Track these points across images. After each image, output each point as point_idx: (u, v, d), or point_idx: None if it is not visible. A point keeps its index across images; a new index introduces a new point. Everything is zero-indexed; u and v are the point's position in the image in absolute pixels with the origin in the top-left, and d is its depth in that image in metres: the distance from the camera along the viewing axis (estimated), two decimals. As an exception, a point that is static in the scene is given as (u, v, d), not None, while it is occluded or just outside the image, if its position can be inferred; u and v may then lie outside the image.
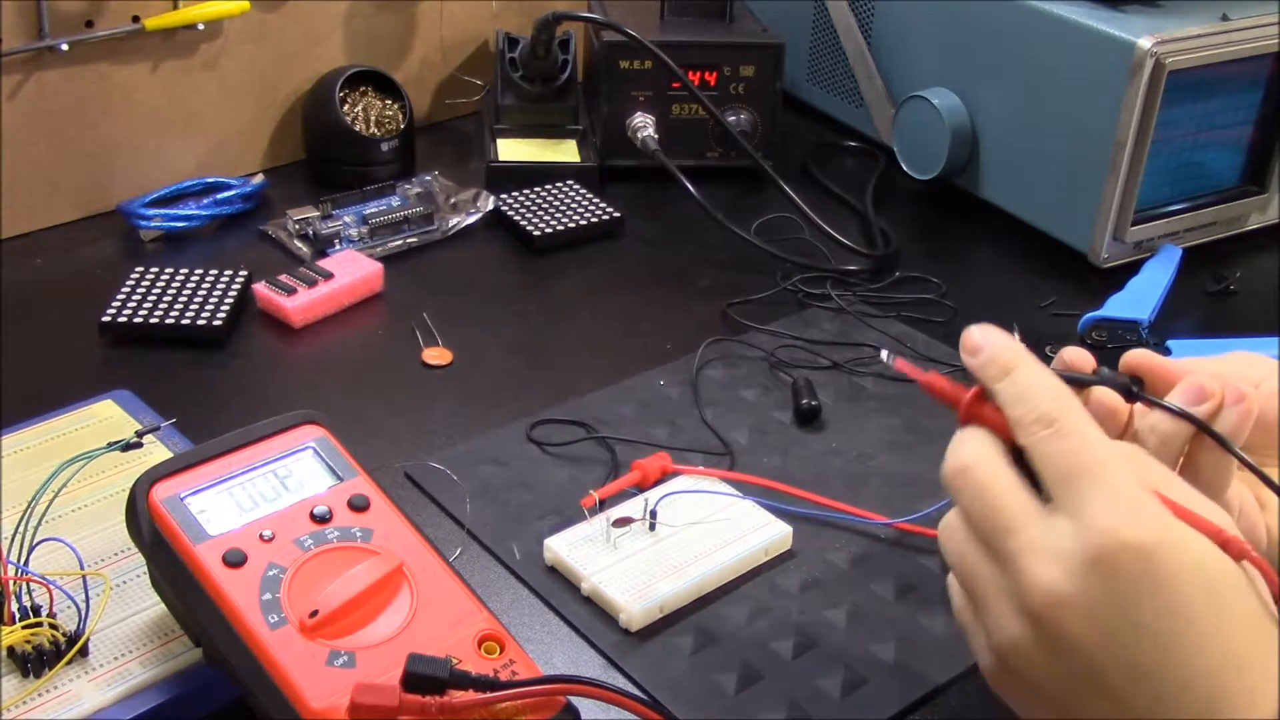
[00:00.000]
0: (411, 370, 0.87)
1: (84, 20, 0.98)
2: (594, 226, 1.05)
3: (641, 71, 1.11)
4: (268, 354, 0.89)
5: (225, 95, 1.08)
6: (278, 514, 0.59)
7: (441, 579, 0.59)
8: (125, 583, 0.63)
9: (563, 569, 0.70)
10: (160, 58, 1.04)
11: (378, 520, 0.60)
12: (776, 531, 0.72)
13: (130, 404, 0.77)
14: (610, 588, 0.67)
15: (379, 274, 0.95)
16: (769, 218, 1.06)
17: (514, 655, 0.57)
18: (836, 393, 0.86)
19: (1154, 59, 0.93)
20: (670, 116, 1.13)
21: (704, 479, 0.75)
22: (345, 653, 0.55)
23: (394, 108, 1.12)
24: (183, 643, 0.60)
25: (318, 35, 1.12)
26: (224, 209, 1.04)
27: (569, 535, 0.71)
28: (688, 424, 0.82)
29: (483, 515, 0.74)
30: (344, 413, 0.80)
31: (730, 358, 0.89)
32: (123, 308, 0.88)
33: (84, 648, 0.59)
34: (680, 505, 0.73)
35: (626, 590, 0.67)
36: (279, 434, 0.62)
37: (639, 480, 0.74)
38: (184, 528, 0.57)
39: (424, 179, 1.08)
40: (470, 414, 0.83)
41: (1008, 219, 1.08)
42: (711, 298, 0.97)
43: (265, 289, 0.92)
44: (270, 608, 0.55)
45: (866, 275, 1.00)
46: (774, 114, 1.14)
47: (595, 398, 0.84)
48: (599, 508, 0.72)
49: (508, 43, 1.16)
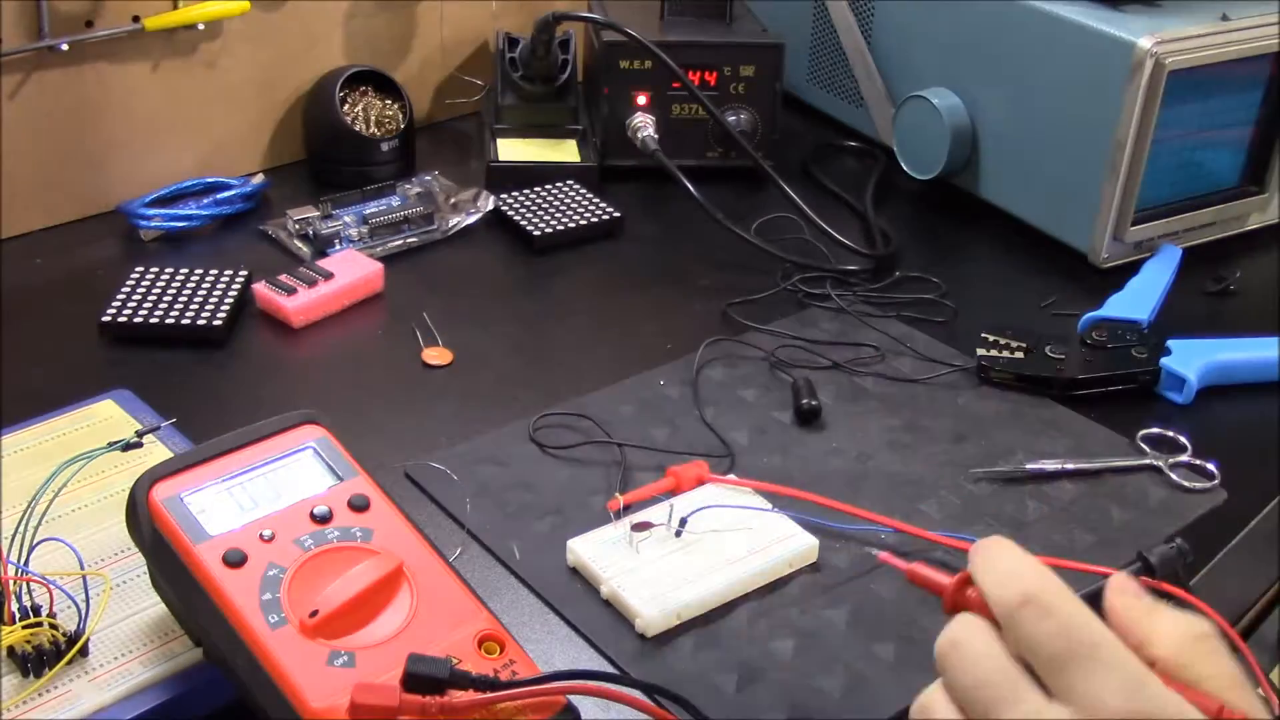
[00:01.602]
0: (412, 370, 0.87)
1: (84, 20, 0.98)
2: (594, 226, 1.05)
3: (641, 71, 1.11)
4: (268, 354, 0.89)
5: (225, 95, 1.08)
6: (278, 514, 0.59)
7: (441, 579, 0.59)
8: (125, 582, 0.63)
9: (584, 571, 0.69)
10: (160, 58, 1.04)
11: (378, 520, 0.60)
12: (802, 543, 0.71)
13: (130, 404, 0.77)
14: (629, 592, 0.67)
15: (379, 274, 0.95)
16: (769, 217, 1.06)
17: (514, 655, 0.57)
18: (837, 393, 0.86)
19: (1154, 59, 0.93)
20: (670, 116, 1.13)
21: (738, 490, 0.74)
22: (345, 653, 0.55)
23: (394, 108, 1.12)
24: (183, 643, 0.60)
25: (317, 35, 1.12)
26: (224, 209, 1.04)
27: (592, 538, 0.70)
28: (687, 424, 0.82)
29: (483, 515, 0.74)
30: (344, 413, 0.80)
31: (730, 358, 0.89)
32: (123, 307, 0.88)
33: (84, 647, 0.59)
34: (707, 512, 0.72)
35: (645, 596, 0.67)
36: (279, 434, 0.62)
37: (672, 487, 0.74)
38: (184, 527, 0.57)
39: (424, 179, 1.08)
40: (470, 414, 0.83)
41: (1008, 219, 1.08)
42: (711, 297, 0.97)
43: (265, 289, 0.92)
44: (270, 607, 0.55)
45: (866, 275, 1.00)
46: (774, 114, 1.14)
47: (595, 398, 0.84)
48: (623, 512, 0.71)
49: (508, 43, 1.16)
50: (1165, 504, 0.77)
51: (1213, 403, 0.86)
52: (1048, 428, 0.83)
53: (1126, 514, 0.76)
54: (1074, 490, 0.78)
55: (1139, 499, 0.78)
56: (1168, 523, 0.75)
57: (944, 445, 0.82)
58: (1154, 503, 0.77)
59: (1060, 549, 0.73)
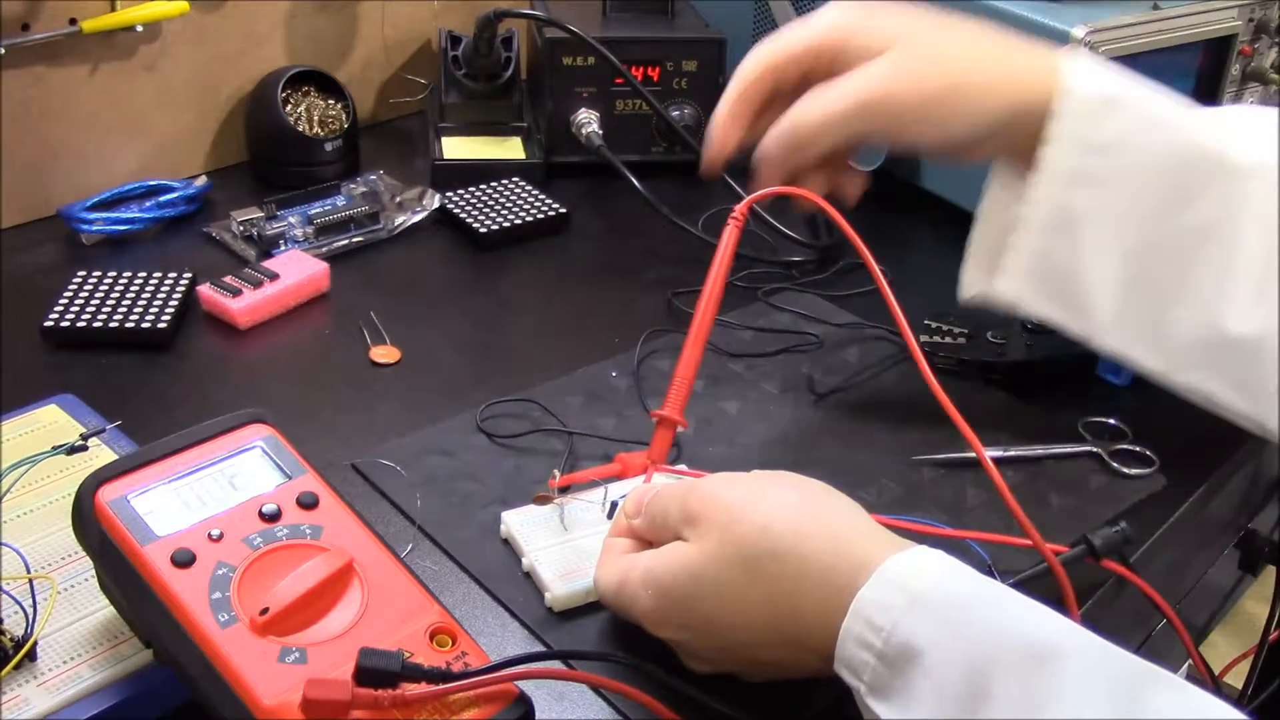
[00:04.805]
0: (360, 369, 0.87)
1: (20, 23, 0.97)
2: (540, 222, 1.05)
3: (584, 68, 1.12)
4: (214, 356, 0.88)
5: (166, 97, 1.08)
6: (226, 513, 0.59)
7: (392, 573, 0.59)
8: (73, 586, 0.63)
9: (511, 543, 0.71)
10: (99, 60, 1.03)
11: (327, 517, 0.60)
12: None
13: (74, 408, 0.76)
14: (544, 566, 0.68)
15: (325, 274, 0.95)
16: (714, 211, 1.07)
17: (466, 647, 0.57)
18: (783, 383, 0.87)
19: (1087, 48, 0.95)
20: (614, 112, 1.13)
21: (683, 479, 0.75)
22: (297, 649, 0.55)
23: (337, 107, 1.12)
24: (133, 645, 0.60)
25: (258, 36, 1.12)
26: (167, 211, 1.03)
27: (525, 512, 0.72)
28: (635, 414, 0.83)
29: (430, 506, 0.74)
30: (292, 412, 0.80)
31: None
32: (65, 312, 0.88)
33: (32, 651, 0.58)
34: None
35: (559, 572, 0.68)
36: (226, 433, 0.62)
37: (617, 472, 0.74)
38: (131, 529, 0.56)
39: (369, 178, 1.08)
40: (419, 410, 0.83)
41: (948, 208, 1.09)
42: (659, 291, 0.97)
43: (210, 291, 0.91)
44: (220, 606, 0.55)
45: (811, 266, 1.01)
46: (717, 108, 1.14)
47: (544, 389, 0.84)
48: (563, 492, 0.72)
49: (450, 41, 1.16)
50: (1105, 490, 0.79)
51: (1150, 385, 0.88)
52: (990, 414, 0.85)
53: (1066, 500, 0.77)
54: (1015, 477, 0.79)
55: (1079, 485, 0.79)
56: (1107, 508, 0.77)
57: (887, 433, 0.83)
58: (1094, 488, 0.79)
59: (1001, 534, 0.74)
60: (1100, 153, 0.68)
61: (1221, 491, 0.84)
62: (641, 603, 0.60)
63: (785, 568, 0.56)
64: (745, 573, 0.57)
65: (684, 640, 0.61)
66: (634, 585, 0.61)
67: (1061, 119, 0.68)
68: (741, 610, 0.57)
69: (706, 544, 0.58)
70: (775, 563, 0.57)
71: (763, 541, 0.57)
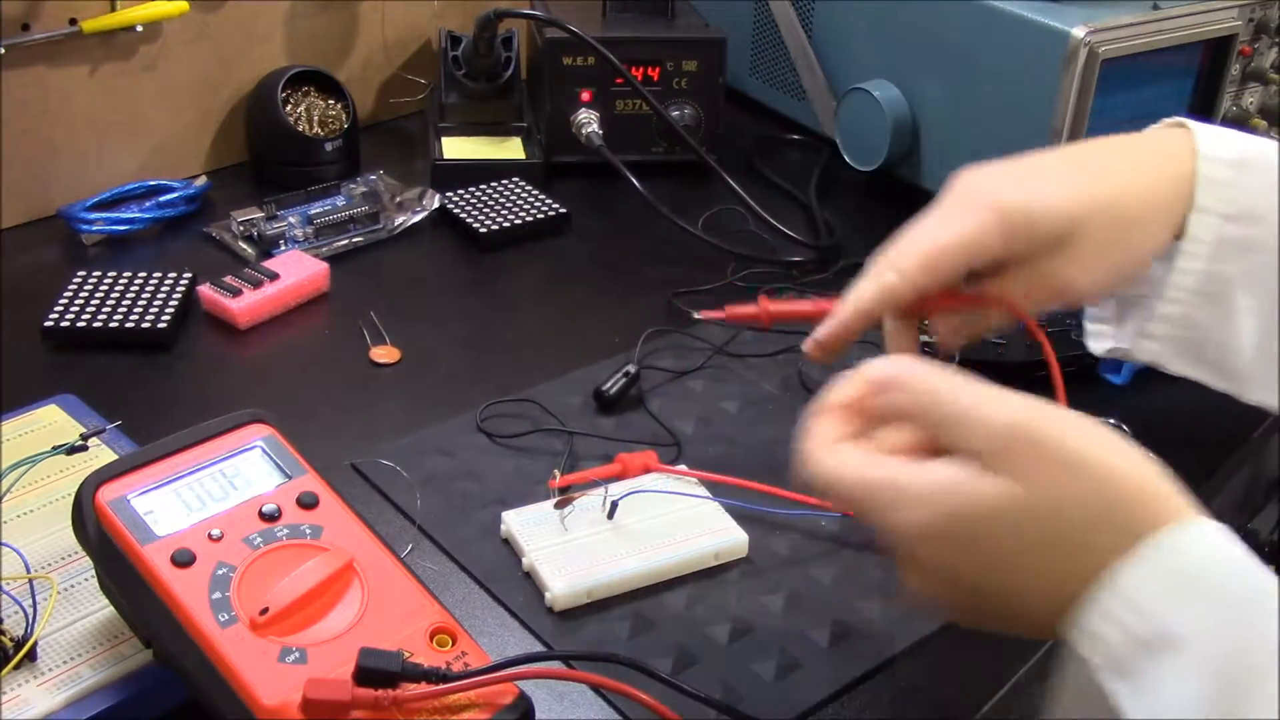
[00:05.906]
0: (360, 369, 0.87)
1: (20, 23, 0.97)
2: (540, 223, 1.05)
3: (585, 68, 1.12)
4: (214, 356, 0.88)
5: (166, 97, 1.08)
6: (226, 513, 0.59)
7: (392, 573, 0.59)
8: (73, 586, 0.63)
9: (512, 543, 0.71)
10: (99, 60, 1.03)
11: (327, 517, 0.60)
12: (732, 538, 0.72)
13: (75, 408, 0.76)
14: (545, 566, 0.68)
15: (325, 274, 0.95)
16: (714, 211, 1.07)
17: (466, 647, 0.57)
18: (783, 382, 0.87)
19: (1087, 48, 0.95)
20: (614, 112, 1.13)
21: (683, 479, 0.75)
22: (297, 649, 0.55)
23: (337, 108, 1.12)
24: (133, 644, 0.60)
25: (258, 36, 1.12)
26: (167, 211, 1.03)
27: (526, 512, 0.72)
28: (635, 414, 0.83)
29: (430, 506, 0.74)
30: (292, 412, 0.80)
31: (679, 349, 0.90)
32: (65, 312, 0.88)
33: (32, 651, 0.58)
34: (647, 499, 0.73)
35: (559, 571, 0.68)
36: (226, 433, 0.62)
37: (617, 472, 0.74)
38: (131, 529, 0.56)
39: (369, 178, 1.08)
40: (419, 411, 0.83)
41: (949, 208, 1.09)
42: (659, 291, 0.97)
43: (210, 291, 0.91)
44: (220, 606, 0.55)
45: (812, 266, 1.01)
46: (717, 108, 1.15)
47: (544, 389, 0.84)
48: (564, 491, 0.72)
49: (450, 41, 1.16)
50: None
51: (1149, 384, 0.88)
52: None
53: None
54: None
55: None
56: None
57: (889, 431, 0.83)
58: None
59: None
60: (1243, 219, 0.66)
61: (1221, 492, 0.84)
62: (915, 513, 0.53)
63: (1082, 534, 0.52)
64: (1052, 533, 0.52)
65: (937, 567, 0.54)
66: (912, 492, 0.53)
67: (1204, 185, 0.66)
68: (1021, 566, 0.52)
69: (1023, 492, 0.51)
70: (1076, 526, 0.51)
71: (1080, 510, 0.51)
